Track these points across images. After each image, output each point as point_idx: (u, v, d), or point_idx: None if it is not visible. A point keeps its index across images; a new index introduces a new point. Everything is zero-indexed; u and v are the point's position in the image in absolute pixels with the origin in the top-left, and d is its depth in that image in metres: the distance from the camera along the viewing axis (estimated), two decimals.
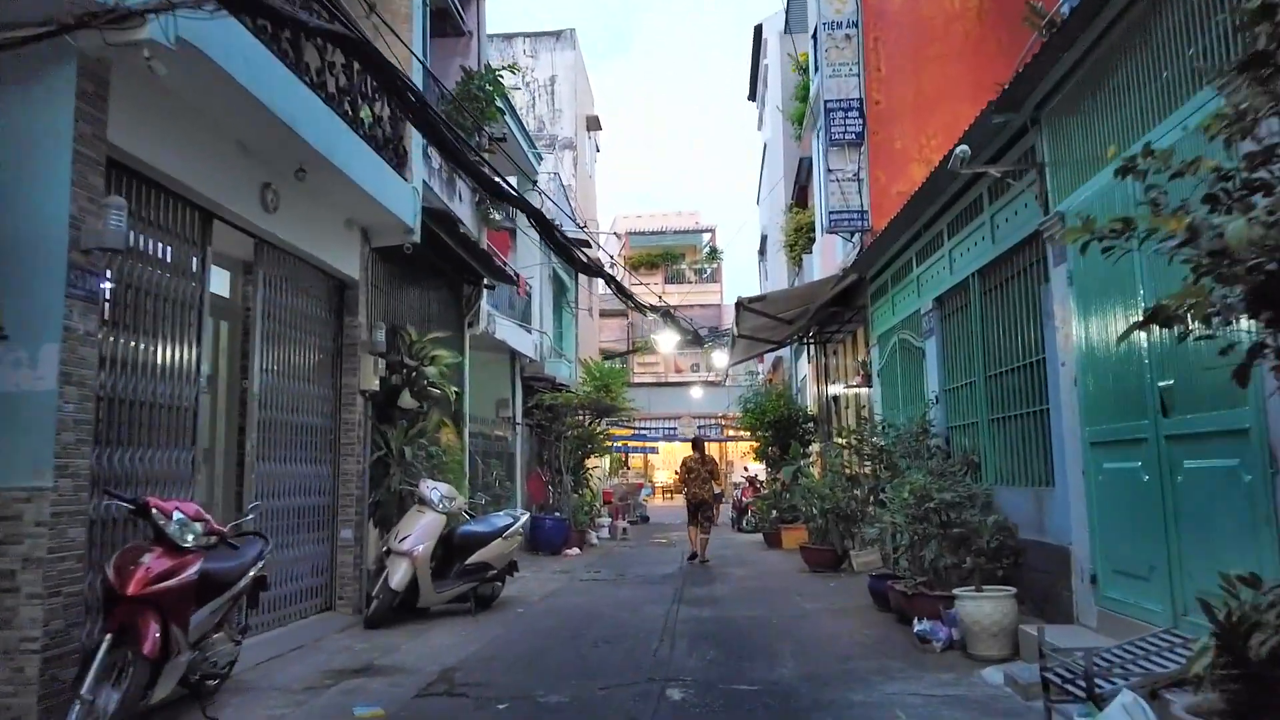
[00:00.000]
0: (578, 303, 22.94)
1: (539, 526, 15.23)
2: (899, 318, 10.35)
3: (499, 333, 13.88)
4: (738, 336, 14.18)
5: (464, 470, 10.21)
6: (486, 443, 14.14)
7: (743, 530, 20.39)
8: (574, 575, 12.12)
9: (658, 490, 43.21)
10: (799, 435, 17.27)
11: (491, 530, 8.95)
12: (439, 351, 9.68)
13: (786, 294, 12.88)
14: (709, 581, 11.19)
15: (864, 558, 11.15)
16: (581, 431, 17.15)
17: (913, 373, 9.86)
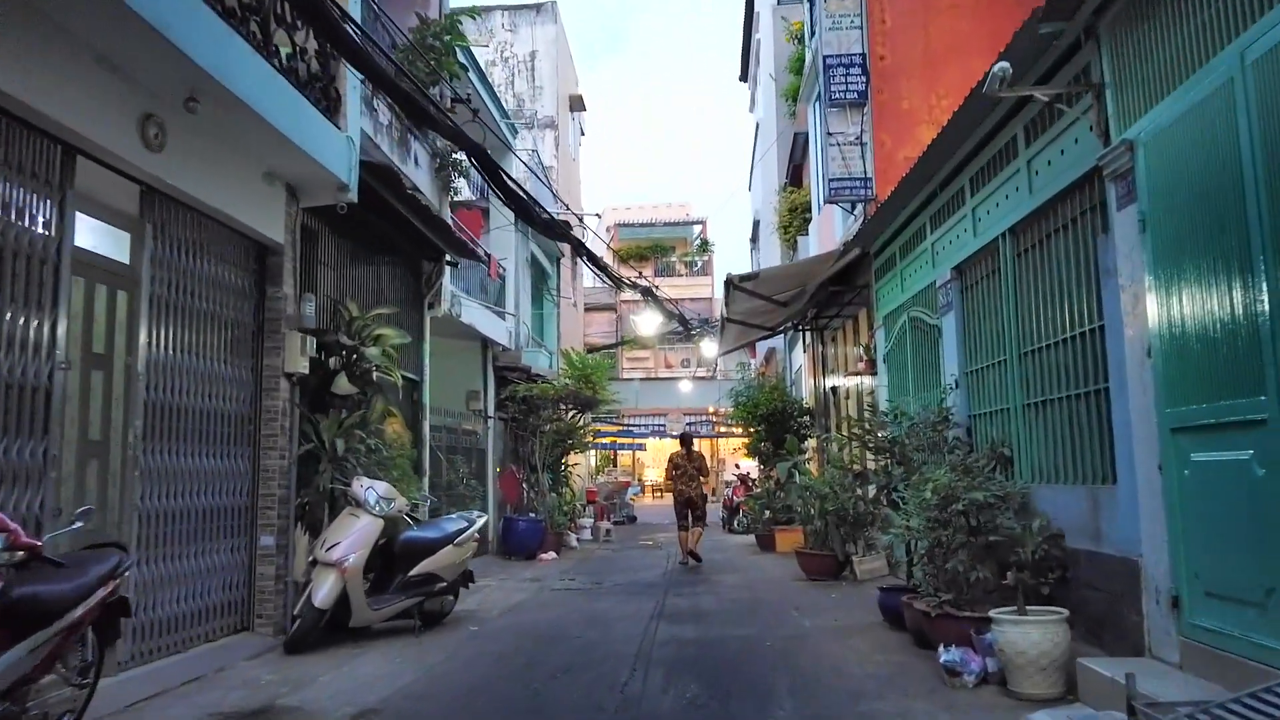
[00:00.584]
0: (559, 291, 21.69)
1: (511, 529, 14.00)
2: (909, 294, 9.14)
3: (466, 316, 12.63)
4: (727, 320, 12.96)
5: (415, 467, 8.97)
6: (452, 437, 12.90)
7: (734, 531, 19.20)
8: (545, 584, 10.88)
9: (647, 489, 42.02)
10: (794, 430, 16.07)
11: (440, 536, 7.72)
12: (384, 330, 8.44)
13: (781, 271, 11.67)
14: (695, 590, 9.98)
15: (868, 565, 9.96)
16: (560, 426, 15.90)
17: (926, 355, 8.65)
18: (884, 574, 10.02)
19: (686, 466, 13.21)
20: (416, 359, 11.21)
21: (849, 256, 10.79)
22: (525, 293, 18.27)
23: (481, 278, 14.57)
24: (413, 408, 11.12)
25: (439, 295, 11.43)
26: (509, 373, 15.10)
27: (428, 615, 7.76)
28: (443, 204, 11.59)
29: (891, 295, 9.89)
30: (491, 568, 12.60)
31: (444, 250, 11.15)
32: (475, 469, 13.96)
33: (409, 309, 11.12)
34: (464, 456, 13.28)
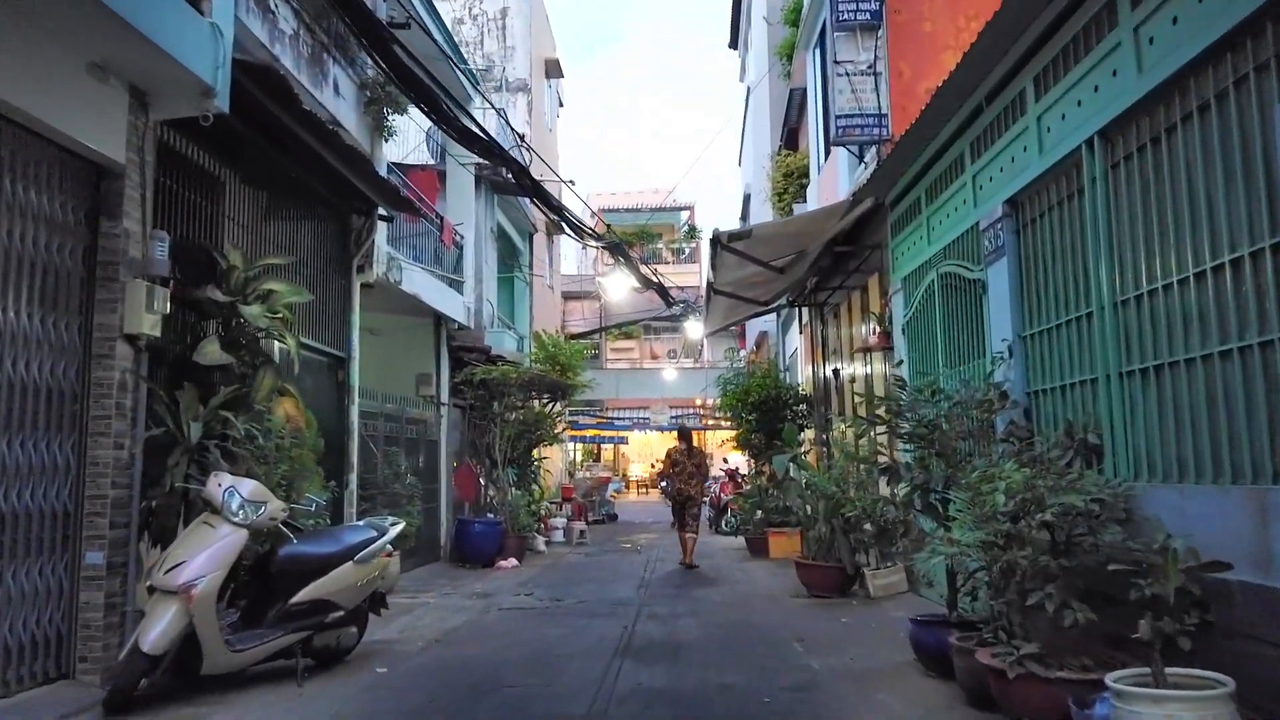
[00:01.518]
0: (532, 269, 19.84)
1: (465, 533, 12.18)
2: (938, 246, 7.37)
3: (409, 284, 10.79)
4: (714, 291, 11.16)
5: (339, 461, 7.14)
6: (394, 426, 11.06)
7: (721, 532, 17.42)
8: (495, 600, 9.07)
9: (631, 485, 40.24)
10: (790, 419, 14.29)
11: (335, 551, 5.90)
12: (274, 285, 6.60)
13: (778, 228, 9.88)
14: (674, 609, 8.18)
15: (884, 579, 8.19)
16: (526, 415, 14.07)
17: (962, 319, 6.88)
18: (902, 590, 8.26)
19: (686, 464, 12.02)
20: (342, 331, 9.37)
21: (860, 208, 9.00)
22: (490, 267, 16.41)
23: (436, 247, 12.73)
24: (337, 389, 9.28)
25: (371, 256, 9.58)
26: (466, 353, 13.26)
27: (322, 653, 5.95)
28: (375, 147, 9.74)
29: (913, 251, 8.11)
30: (438, 579, 10.79)
31: (375, 202, 9.31)
32: (425, 463, 12.13)
33: (333, 272, 9.28)
34: (408, 449, 11.44)
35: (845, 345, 11.84)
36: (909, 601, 7.90)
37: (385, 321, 12.74)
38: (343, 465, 9.22)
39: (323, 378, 9.03)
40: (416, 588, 9.94)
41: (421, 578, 10.80)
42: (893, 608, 7.70)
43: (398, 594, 9.31)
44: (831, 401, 12.87)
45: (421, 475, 11.95)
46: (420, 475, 11.91)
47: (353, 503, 9.30)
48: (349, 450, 9.28)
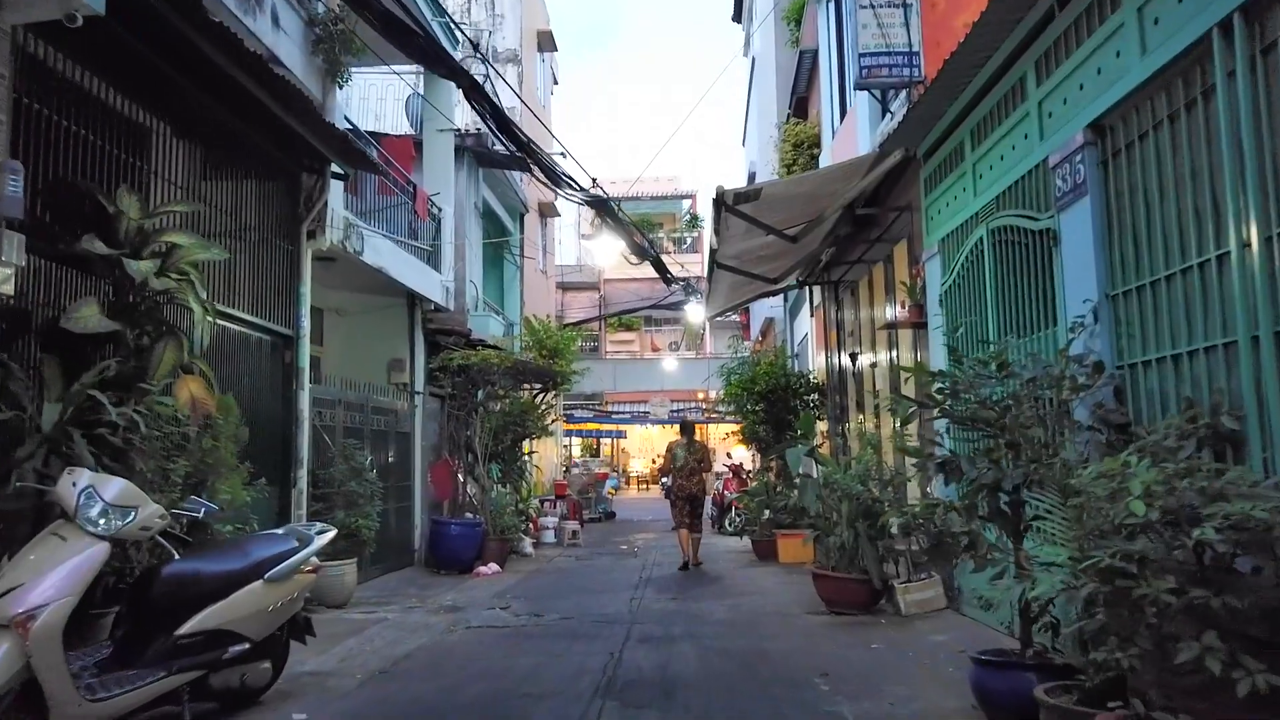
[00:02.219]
0: (522, 252, 18.59)
1: (440, 535, 10.95)
2: (988, 196, 6.12)
3: (373, 255, 9.54)
4: (716, 265, 9.90)
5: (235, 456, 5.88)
6: (357, 416, 9.82)
7: (724, 532, 16.19)
8: (465, 616, 7.84)
9: (632, 481, 38.99)
10: (802, 409, 13.05)
11: (239, 568, 4.66)
12: (178, 239, 5.37)
13: (791, 188, 8.59)
14: (670, 630, 6.95)
15: (917, 595, 6.97)
16: (511, 405, 12.83)
17: (1023, 280, 5.63)
18: (938, 607, 7.03)
19: (688, 459, 11.35)
20: (289, 306, 8.13)
21: (888, 162, 7.74)
22: (476, 248, 15.17)
23: (411, 220, 11.48)
24: (283, 372, 8.05)
25: (324, 220, 8.34)
26: (443, 337, 12.01)
27: (224, 695, 4.72)
28: (328, 95, 8.48)
29: (953, 207, 6.86)
30: (407, 588, 9.56)
31: (326, 158, 8.07)
32: (396, 458, 10.90)
33: (279, 237, 8.04)
34: (375, 442, 10.21)
35: (864, 326, 10.59)
36: (949, 622, 6.68)
37: (353, 301, 11.53)
38: (289, 460, 7.99)
39: (264, 359, 7.80)
40: (378, 599, 8.72)
41: (388, 587, 9.58)
42: (931, 630, 6.47)
43: (353, 608, 8.12)
44: (848, 390, 11.62)
45: (392, 471, 10.73)
46: (390, 471, 10.69)
47: (302, 503, 8.07)
48: (297, 443, 8.05)
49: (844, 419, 11.65)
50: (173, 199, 6.80)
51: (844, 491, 7.25)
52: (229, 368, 7.21)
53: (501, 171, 16.36)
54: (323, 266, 9.82)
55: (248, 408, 7.38)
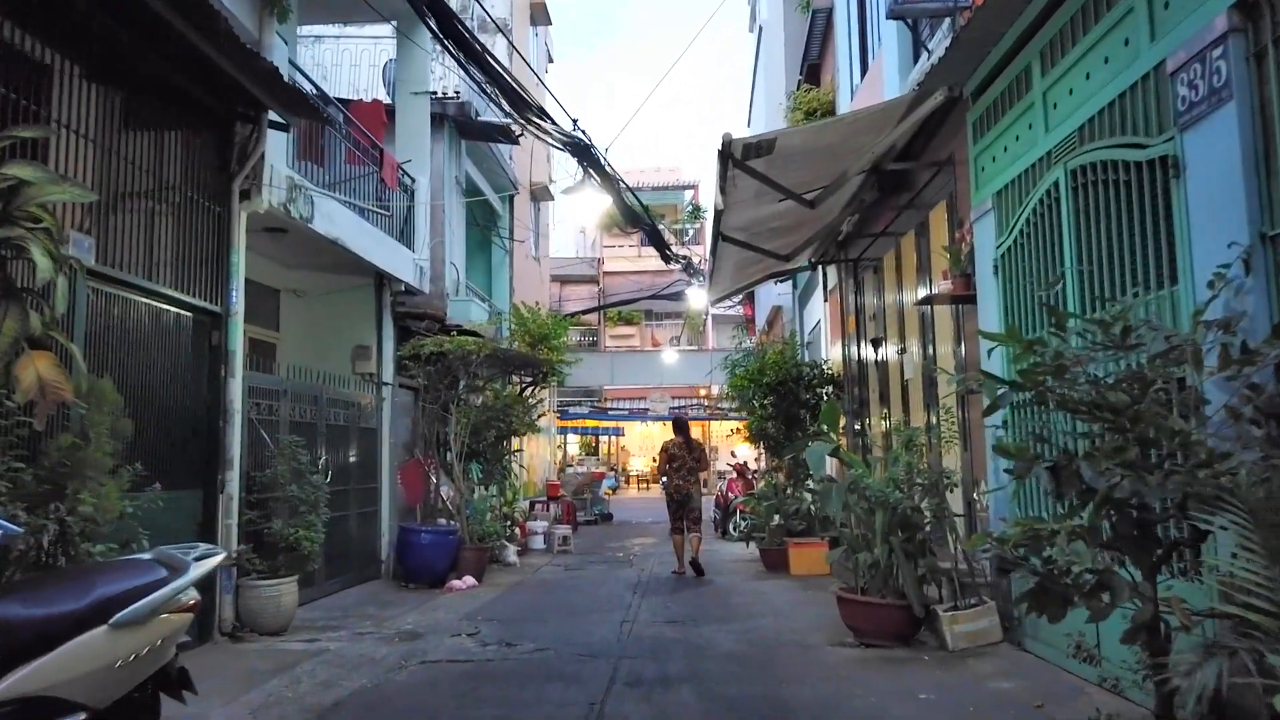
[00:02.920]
0: (513, 234, 17.31)
1: (409, 544, 9.69)
2: (1067, 129, 4.85)
3: (327, 224, 8.28)
4: (722, 237, 8.61)
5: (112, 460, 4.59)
6: (308, 409, 8.56)
7: (728, 537, 14.91)
8: (423, 646, 6.58)
9: (632, 480, 37.70)
10: (812, 405, 11.80)
11: (68, 611, 3.38)
12: (23, 173, 4.10)
13: (811, 138, 7.26)
14: (666, 671, 5.69)
15: (968, 625, 5.73)
16: (493, 399, 11.56)
17: (1120, 231, 4.35)
18: (993, 641, 5.76)
19: (685, 458, 10.73)
20: (216, 277, 6.87)
21: (928, 104, 6.46)
22: (458, 227, 13.90)
23: (377, 188, 10.21)
24: (209, 356, 6.79)
25: (260, 178, 7.08)
26: (414, 321, 10.75)
27: None
28: (265, 30, 7.20)
29: (1014, 151, 5.59)
30: (365, 607, 8.32)
31: (261, 103, 6.81)
32: (360, 457, 9.64)
33: (205, 197, 6.79)
34: (333, 440, 8.96)
35: (890, 309, 9.32)
36: (1009, 661, 5.42)
37: (313, 281, 10.29)
38: (217, 460, 6.74)
39: (184, 340, 6.55)
40: (327, 622, 7.48)
41: (343, 605, 8.33)
42: (989, 672, 5.21)
43: (293, 635, 6.87)
44: (869, 381, 10.35)
45: (354, 473, 9.48)
46: (352, 473, 9.44)
47: (232, 512, 6.82)
48: (226, 440, 6.80)
49: (864, 414, 10.38)
50: (81, 151, 5.63)
51: (877, 498, 5.99)
52: (136, 349, 5.98)
53: (489, 147, 15.10)
54: (271, 239, 8.59)
55: (161, 398, 6.17)
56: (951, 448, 6.64)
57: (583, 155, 8.12)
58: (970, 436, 6.59)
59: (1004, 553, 2.94)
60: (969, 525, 6.57)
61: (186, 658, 5.85)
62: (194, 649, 6.37)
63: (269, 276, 9.96)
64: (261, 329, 9.95)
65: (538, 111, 8.07)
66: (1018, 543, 2.95)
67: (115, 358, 5.73)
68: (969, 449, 6.63)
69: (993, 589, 5.96)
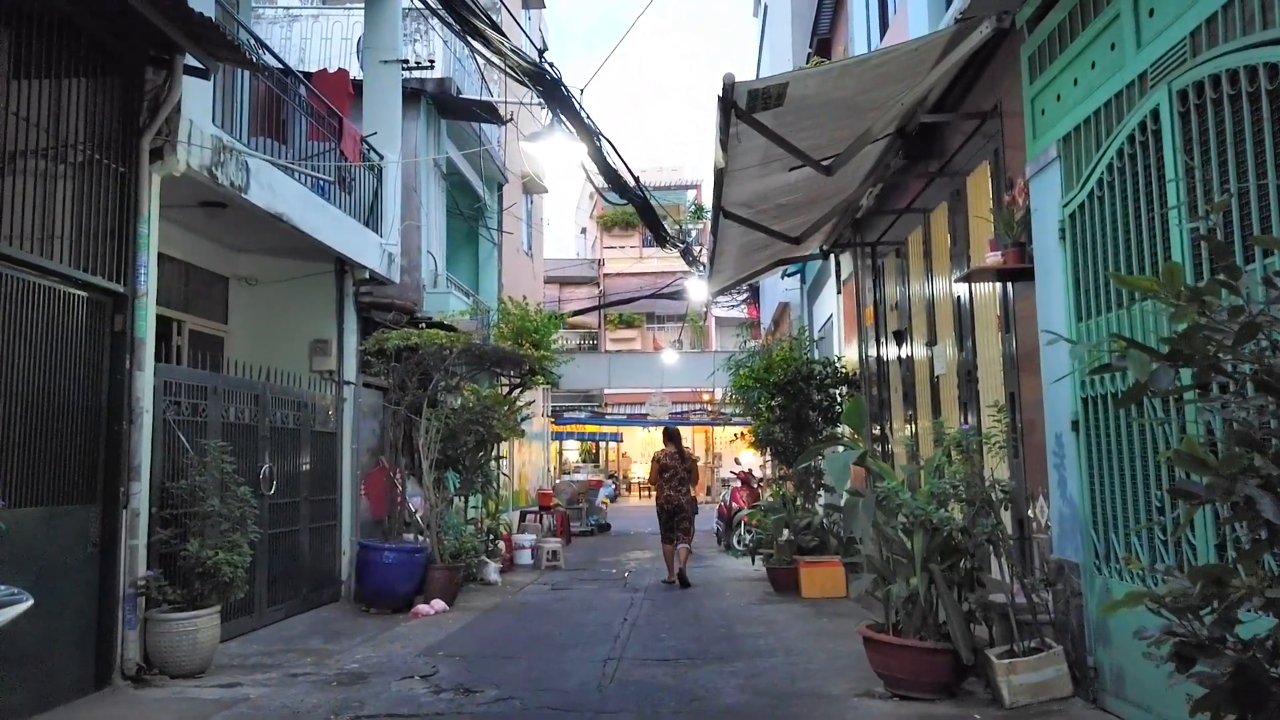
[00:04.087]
0: (502, 225, 16.21)
1: (370, 564, 8.57)
2: (1172, 38, 3.73)
3: (266, 196, 7.17)
4: (724, 214, 7.48)
5: None
6: (246, 410, 7.43)
7: (731, 551, 13.79)
8: (361, 696, 5.44)
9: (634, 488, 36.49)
10: (825, 407, 10.67)
11: None
12: None
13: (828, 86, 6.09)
14: None
15: (1029, 675, 4.60)
16: (472, 400, 10.42)
17: (1259, 163, 3.21)
18: (1062, 695, 4.61)
19: (676, 468, 10.73)
20: (120, 250, 5.76)
21: (973, 39, 5.33)
22: (437, 213, 12.81)
23: (341, 167, 9.10)
24: (110, 344, 5.68)
25: (175, 134, 5.97)
26: (381, 313, 9.62)
27: None
28: None
29: (1089, 82, 4.46)
30: (309, 639, 7.19)
31: (174, 43, 5.70)
32: (315, 465, 8.51)
33: (107, 154, 5.68)
34: (280, 445, 7.84)
35: (916, 297, 8.19)
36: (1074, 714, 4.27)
37: (265, 267, 9.20)
38: (119, 469, 5.62)
39: (78, 325, 5.43)
40: (259, 659, 6.36)
41: (285, 636, 7.20)
42: None
43: (211, 677, 5.77)
44: (890, 379, 9.21)
45: (307, 483, 8.36)
46: (305, 483, 8.32)
47: (138, 531, 5.71)
48: (131, 444, 5.68)
49: (885, 416, 9.24)
50: None
51: (914, 517, 4.85)
52: (12, 335, 4.87)
53: (476, 131, 14.00)
54: (210, 215, 7.53)
55: (43, 393, 5.06)
56: (1001, 455, 5.49)
57: (550, 93, 6.91)
58: (1023, 441, 5.45)
59: (1183, 630, 1.80)
60: (1022, 550, 5.43)
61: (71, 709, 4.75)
62: (88, 696, 5.28)
63: (214, 261, 8.87)
64: (206, 320, 8.86)
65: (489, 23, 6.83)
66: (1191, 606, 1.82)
67: None
68: (1021, 456, 5.49)
69: (1058, 630, 4.82)
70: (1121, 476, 4.19)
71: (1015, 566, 4.93)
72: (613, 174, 8.74)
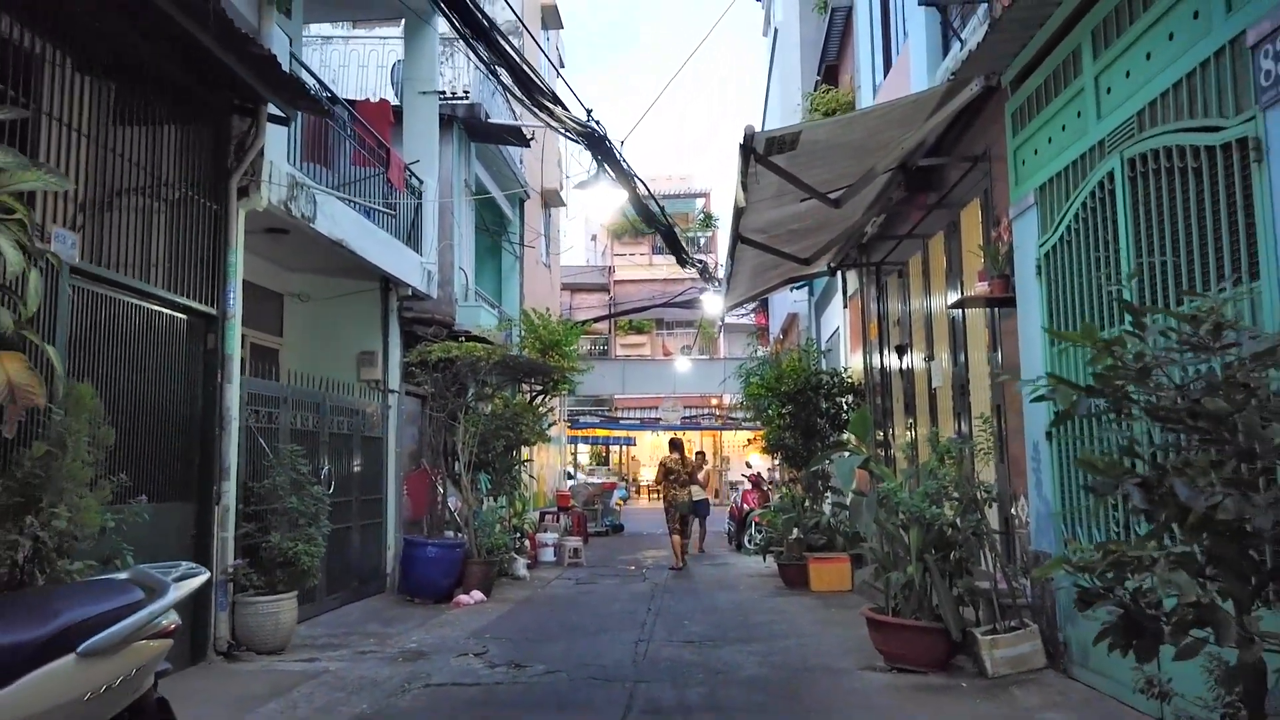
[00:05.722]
0: (523, 240, 17.01)
1: (414, 558, 9.34)
2: (1122, 115, 4.49)
3: (329, 225, 7.97)
4: (741, 239, 8.26)
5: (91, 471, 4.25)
6: (309, 417, 8.22)
7: (744, 550, 14.54)
8: (427, 667, 6.22)
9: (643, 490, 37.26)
10: (832, 415, 11.42)
11: (30, 639, 3.03)
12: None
13: (837, 132, 6.92)
14: (687, 699, 5.30)
15: (1009, 650, 5.33)
16: (502, 408, 11.22)
17: (1188, 223, 3.98)
18: (1036, 667, 5.37)
19: (680, 472, 13.26)
20: (212, 277, 6.56)
21: (964, 95, 6.10)
22: (467, 231, 13.60)
23: (381, 187, 9.90)
24: (203, 360, 6.47)
25: (258, 174, 6.77)
26: (421, 327, 10.42)
27: None
28: (264, 19, 6.89)
29: (1061, 141, 5.22)
30: (368, 623, 7.97)
31: (259, 95, 6.50)
32: (364, 467, 9.30)
33: (202, 194, 6.48)
34: (336, 449, 8.63)
35: (916, 315, 8.94)
36: (1057, 690, 5.02)
37: (317, 285, 9.99)
38: (212, 470, 6.41)
39: (178, 344, 6.23)
40: (328, 640, 7.13)
41: (345, 622, 7.98)
42: (1038, 704, 4.81)
43: (292, 654, 6.53)
44: (892, 390, 9.96)
45: (358, 483, 9.14)
46: (356, 483, 9.10)
47: (228, 524, 6.49)
48: (222, 449, 6.46)
49: (888, 424, 10.00)
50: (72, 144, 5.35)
51: (911, 514, 5.61)
52: (127, 352, 5.66)
53: (499, 151, 14.82)
54: (272, 240, 8.30)
55: (152, 404, 5.85)
56: (988, 460, 6.25)
57: (596, 147, 7.80)
58: (1007, 448, 6.20)
59: (1088, 583, 2.57)
60: (1007, 543, 6.18)
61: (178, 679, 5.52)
62: (186, 670, 6.04)
63: (271, 279, 9.66)
64: (263, 334, 9.64)
65: (550, 97, 7.75)
66: (1099, 570, 2.58)
67: (102, 362, 5.41)
68: (1005, 460, 6.25)
69: (1034, 612, 5.57)
70: (1084, 479, 4.93)
71: (999, 557, 5.68)
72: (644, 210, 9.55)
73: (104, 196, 5.69)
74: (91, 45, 5.44)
